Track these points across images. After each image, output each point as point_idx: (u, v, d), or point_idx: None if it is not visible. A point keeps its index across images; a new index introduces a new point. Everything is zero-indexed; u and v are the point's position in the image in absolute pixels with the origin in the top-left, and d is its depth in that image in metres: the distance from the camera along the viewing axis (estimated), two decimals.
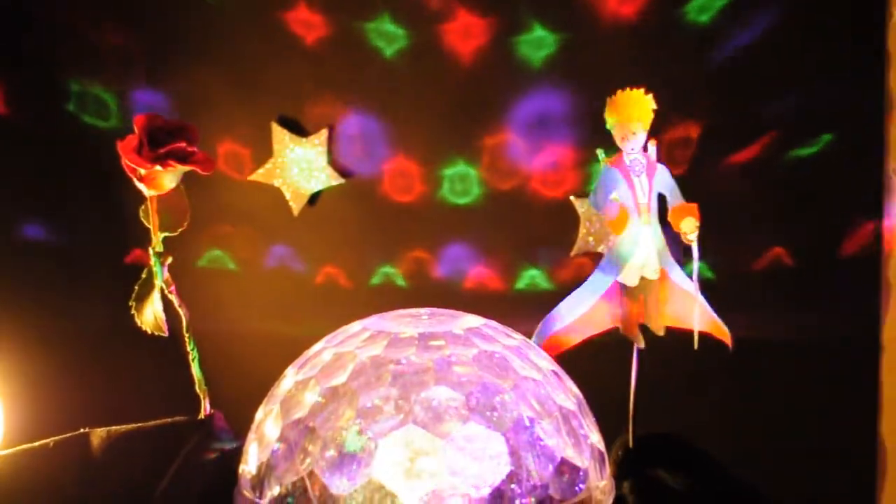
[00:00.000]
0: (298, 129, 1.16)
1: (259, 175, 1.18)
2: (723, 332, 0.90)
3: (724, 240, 1.07)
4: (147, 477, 0.78)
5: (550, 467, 0.65)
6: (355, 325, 0.73)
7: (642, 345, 0.91)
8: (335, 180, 1.16)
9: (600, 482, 0.69)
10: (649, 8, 1.08)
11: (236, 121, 1.18)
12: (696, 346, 0.88)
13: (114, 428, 0.82)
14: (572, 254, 1.14)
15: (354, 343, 0.70)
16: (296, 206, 1.18)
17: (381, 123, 1.16)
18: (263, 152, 1.17)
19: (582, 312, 0.90)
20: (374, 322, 0.73)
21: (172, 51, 1.18)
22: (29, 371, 1.13)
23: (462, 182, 1.16)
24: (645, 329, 0.91)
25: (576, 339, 0.91)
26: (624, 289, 0.90)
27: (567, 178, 1.15)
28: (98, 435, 0.81)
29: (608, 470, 0.71)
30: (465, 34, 1.12)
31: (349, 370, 0.67)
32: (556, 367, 0.73)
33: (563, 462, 0.65)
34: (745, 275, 1.12)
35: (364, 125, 1.16)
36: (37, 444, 0.81)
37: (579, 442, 0.68)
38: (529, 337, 0.85)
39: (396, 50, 1.14)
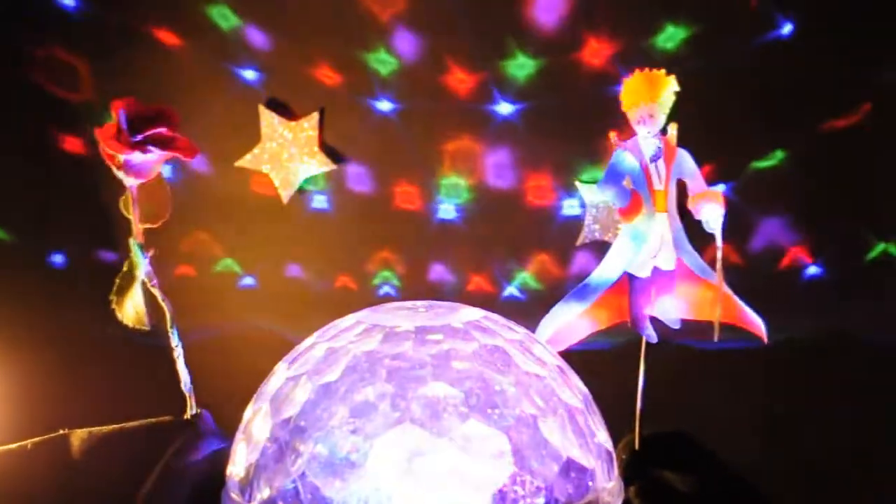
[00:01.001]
0: (288, 111, 1.13)
1: (246, 161, 1.15)
2: (753, 325, 0.86)
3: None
4: (130, 480, 0.77)
5: (555, 467, 0.63)
6: (349, 319, 0.72)
7: (655, 339, 0.87)
8: (327, 166, 1.13)
9: (608, 483, 0.67)
10: None
11: (221, 103, 1.15)
12: (716, 337, 0.84)
13: (95, 429, 0.81)
14: (577, 243, 1.11)
15: (348, 337, 0.68)
16: (285, 194, 1.15)
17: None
18: (250, 137, 1.14)
19: (588, 306, 0.87)
20: (368, 315, 0.71)
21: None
22: (4, 370, 1.11)
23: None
24: (656, 323, 0.88)
25: (581, 334, 0.88)
26: (634, 280, 0.86)
27: None
28: (78, 436, 0.80)
29: (616, 470, 0.69)
30: None
31: (342, 366, 0.65)
32: (562, 363, 0.72)
33: (569, 462, 0.64)
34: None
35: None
36: (14, 445, 0.80)
37: (586, 441, 0.66)
38: (533, 332, 0.81)
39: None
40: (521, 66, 1.10)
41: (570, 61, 1.09)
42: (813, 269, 1.12)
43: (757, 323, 0.86)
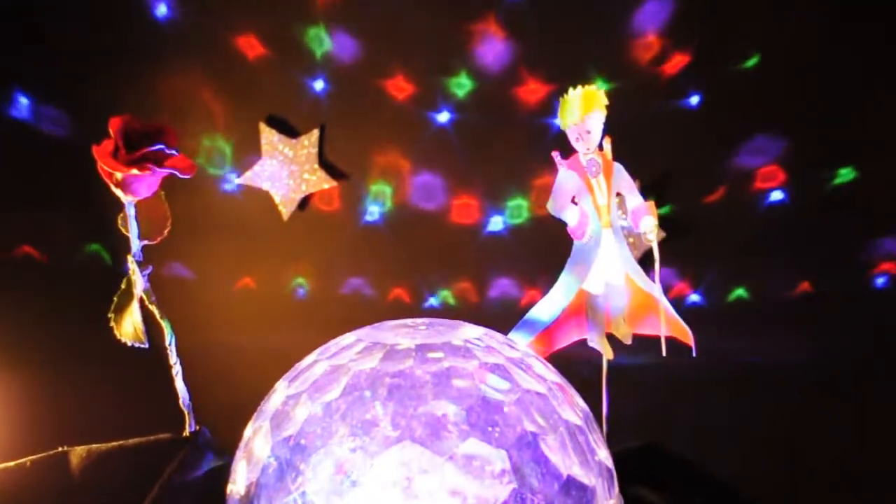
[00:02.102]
0: (288, 129, 1.13)
1: (246, 178, 1.14)
2: (685, 334, 0.87)
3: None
4: (129, 498, 0.76)
5: (556, 485, 0.62)
6: (349, 337, 0.71)
7: (611, 356, 0.87)
8: (327, 183, 1.13)
9: (608, 501, 0.67)
10: None
11: (221, 120, 1.14)
12: (663, 352, 0.84)
13: (94, 446, 0.80)
14: None
15: (348, 355, 0.68)
16: (285, 211, 1.14)
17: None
18: (250, 153, 1.14)
19: (547, 326, 0.87)
20: (368, 333, 0.71)
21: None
22: (2, 387, 1.11)
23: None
24: (612, 338, 0.88)
25: (542, 354, 0.87)
26: (590, 297, 0.86)
27: None
28: (77, 454, 0.80)
29: (616, 488, 0.69)
30: None
31: (343, 384, 0.64)
32: (562, 380, 0.71)
33: (570, 480, 0.63)
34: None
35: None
36: (12, 463, 0.79)
37: (586, 458, 0.65)
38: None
39: None
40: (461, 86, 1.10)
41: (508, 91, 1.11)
42: (694, 297, 1.14)
43: (689, 333, 0.86)
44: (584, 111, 0.83)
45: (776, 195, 1.18)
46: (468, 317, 0.79)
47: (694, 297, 1.19)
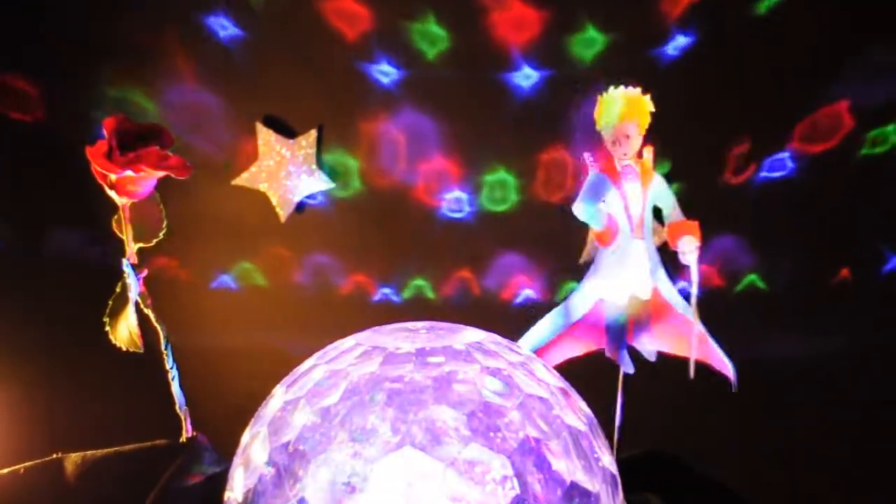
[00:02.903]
0: (286, 129, 1.12)
1: (243, 179, 1.13)
2: (724, 367, 0.83)
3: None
4: None
5: (559, 492, 0.61)
6: (348, 341, 0.70)
7: (631, 370, 0.85)
8: (325, 185, 1.12)
9: None
10: None
11: (217, 120, 1.13)
12: (691, 375, 0.82)
13: (89, 452, 0.80)
14: (581, 260, 1.10)
15: (347, 360, 0.67)
16: (283, 213, 1.13)
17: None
18: (247, 154, 1.13)
19: (564, 331, 0.85)
20: (368, 337, 0.70)
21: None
22: None
23: (500, 189, 1.13)
24: (634, 352, 0.86)
25: (557, 359, 0.86)
26: (610, 308, 0.84)
27: None
28: (72, 460, 0.79)
29: (621, 494, 0.68)
30: None
31: (342, 389, 0.63)
32: (565, 384, 0.70)
33: (573, 486, 0.62)
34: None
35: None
36: (6, 470, 0.78)
37: (590, 464, 0.64)
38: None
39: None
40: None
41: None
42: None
43: (728, 365, 0.83)
44: (623, 116, 0.79)
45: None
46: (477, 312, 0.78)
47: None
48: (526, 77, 1.08)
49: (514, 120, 1.10)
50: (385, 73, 1.10)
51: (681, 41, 1.04)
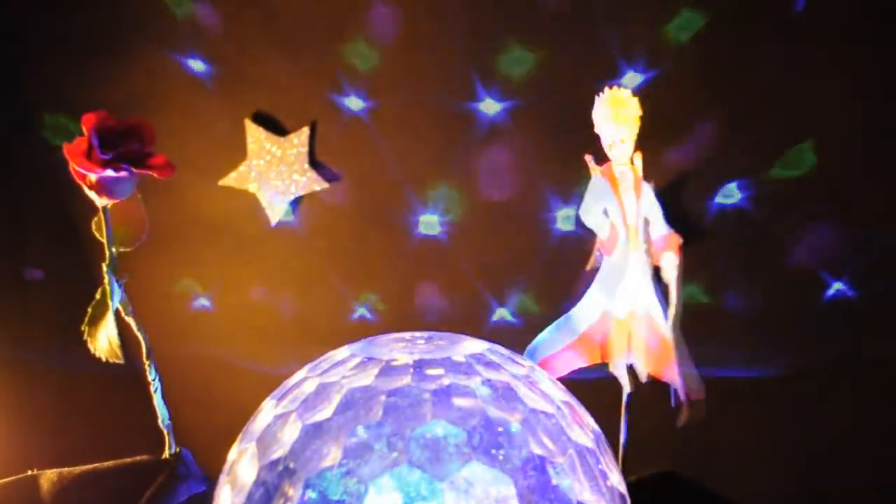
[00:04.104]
0: (276, 126, 1.09)
1: (231, 179, 1.11)
2: (680, 388, 0.81)
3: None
4: None
5: None
6: (342, 351, 0.69)
7: (629, 389, 0.84)
8: (318, 185, 1.09)
9: None
10: None
11: (205, 117, 1.11)
12: (672, 403, 0.80)
13: (66, 469, 0.78)
14: (588, 268, 1.08)
15: (341, 372, 0.65)
16: (272, 215, 1.11)
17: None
18: (235, 153, 1.11)
19: (568, 343, 0.83)
20: (363, 348, 0.69)
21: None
22: None
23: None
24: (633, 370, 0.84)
25: (562, 371, 0.85)
26: (612, 320, 0.82)
27: None
28: (48, 478, 0.78)
29: None
30: None
31: (335, 403, 0.62)
32: (571, 399, 0.68)
33: None
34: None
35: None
36: None
37: (598, 483, 0.63)
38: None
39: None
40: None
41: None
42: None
43: (679, 383, 0.81)
44: (620, 118, 0.78)
45: None
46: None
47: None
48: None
49: None
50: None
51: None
